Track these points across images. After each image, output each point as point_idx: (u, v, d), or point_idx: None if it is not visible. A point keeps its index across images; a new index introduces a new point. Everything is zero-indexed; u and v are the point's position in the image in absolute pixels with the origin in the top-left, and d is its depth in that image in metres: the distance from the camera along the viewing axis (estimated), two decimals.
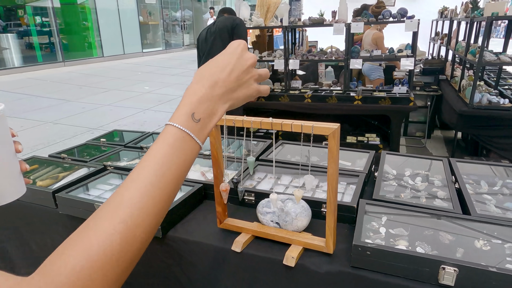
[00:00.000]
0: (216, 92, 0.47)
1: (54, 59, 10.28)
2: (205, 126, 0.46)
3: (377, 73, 4.41)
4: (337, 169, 0.74)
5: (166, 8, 14.95)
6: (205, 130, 0.46)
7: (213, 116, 0.47)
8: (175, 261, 1.01)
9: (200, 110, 0.45)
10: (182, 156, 0.43)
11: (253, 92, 0.51)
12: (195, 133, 0.44)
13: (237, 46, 0.50)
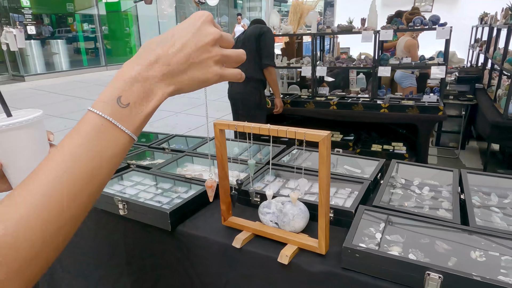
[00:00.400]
0: (155, 72, 0.39)
1: (98, 63, 10.94)
2: (137, 113, 0.39)
3: (409, 81, 4.31)
4: (328, 173, 0.79)
5: None
6: (137, 117, 0.39)
7: (148, 100, 0.39)
8: (184, 254, 1.09)
9: (129, 93, 0.38)
10: (100, 147, 0.37)
11: (211, 76, 0.42)
12: (121, 120, 0.38)
13: (198, 18, 0.41)
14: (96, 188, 0.39)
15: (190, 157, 1.53)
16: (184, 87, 0.42)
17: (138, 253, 1.22)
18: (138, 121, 0.39)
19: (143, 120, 0.40)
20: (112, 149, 0.38)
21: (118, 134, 0.38)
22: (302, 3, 6.23)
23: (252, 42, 3.01)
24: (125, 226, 1.20)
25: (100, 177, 0.38)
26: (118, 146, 0.39)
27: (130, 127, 0.39)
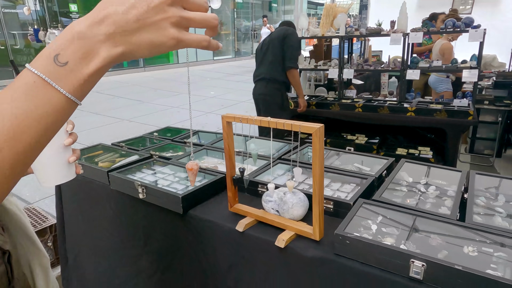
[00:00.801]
0: (100, 31, 0.36)
1: (137, 65, 11.49)
2: (75, 71, 0.36)
3: (444, 86, 4.18)
4: (320, 164, 0.85)
5: (238, 18, 15.71)
6: (75, 77, 0.36)
7: (89, 60, 0.36)
8: (194, 238, 1.18)
9: (68, 51, 0.36)
10: (29, 105, 0.35)
11: (166, 39, 0.38)
12: (56, 79, 0.36)
13: None
14: (24, 147, 0.36)
15: (208, 151, 1.63)
16: (134, 50, 0.38)
17: (155, 236, 1.33)
18: (76, 82, 0.36)
19: (83, 81, 0.37)
20: (43, 108, 0.36)
21: (52, 93, 0.36)
22: (335, 6, 6.22)
23: (276, 44, 3.06)
24: (144, 210, 1.31)
25: (28, 135, 0.36)
26: (52, 106, 0.36)
27: (66, 87, 0.36)
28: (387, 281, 0.81)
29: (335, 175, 1.30)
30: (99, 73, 0.38)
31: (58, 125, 0.39)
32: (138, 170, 1.44)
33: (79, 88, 0.37)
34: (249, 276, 1.08)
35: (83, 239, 1.65)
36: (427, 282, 0.77)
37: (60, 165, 0.59)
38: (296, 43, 3.09)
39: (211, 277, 1.20)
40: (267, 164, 1.38)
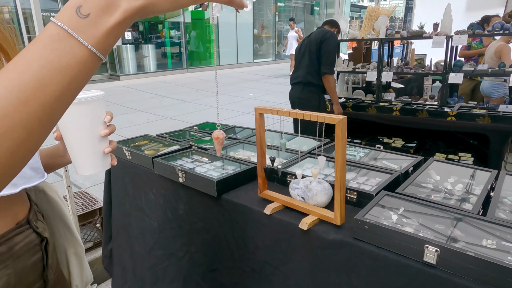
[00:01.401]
0: None
1: (180, 66, 12.00)
2: (97, 24, 0.36)
3: (501, 91, 3.98)
4: (343, 153, 0.92)
5: (280, 21, 15.84)
6: (97, 29, 0.37)
7: (110, 12, 0.37)
8: (225, 220, 1.29)
9: (90, 3, 0.36)
10: (52, 56, 0.36)
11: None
12: (79, 31, 0.36)
13: None
14: (50, 99, 0.36)
15: (243, 144, 1.74)
16: (157, 2, 0.38)
17: (189, 218, 1.46)
18: (99, 34, 0.37)
19: (105, 34, 0.37)
20: (66, 60, 0.36)
21: (74, 44, 0.36)
22: (378, 9, 6.13)
23: (313, 47, 3.06)
24: (182, 193, 1.45)
25: (52, 87, 0.36)
26: (74, 58, 0.36)
27: (89, 40, 0.36)
28: (402, 265, 0.86)
29: (361, 169, 1.35)
30: (121, 27, 0.38)
31: (82, 80, 0.39)
32: (179, 158, 1.58)
33: (101, 41, 0.37)
34: (272, 257, 1.17)
35: (124, 221, 1.82)
36: (440, 267, 0.82)
37: (96, 155, 0.60)
38: (333, 48, 3.08)
39: (237, 259, 1.30)
40: (297, 157, 1.46)
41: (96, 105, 0.59)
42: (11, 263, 0.63)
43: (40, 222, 0.74)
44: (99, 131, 0.60)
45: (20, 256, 0.65)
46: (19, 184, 0.64)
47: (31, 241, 0.68)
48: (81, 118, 0.58)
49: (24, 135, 0.36)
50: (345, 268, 0.98)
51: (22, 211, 0.69)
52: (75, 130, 0.59)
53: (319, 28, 3.34)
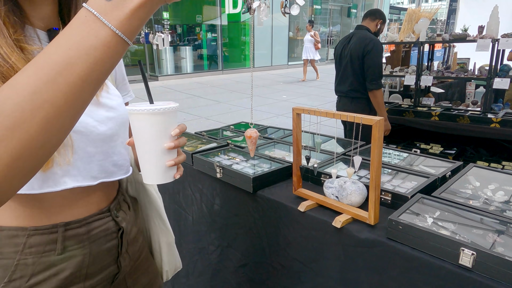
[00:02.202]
0: None
1: (216, 68, 12.27)
2: (121, 6, 0.38)
3: None
4: (379, 153, 0.93)
5: (316, 23, 15.73)
6: (121, 11, 0.38)
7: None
8: (259, 216, 1.34)
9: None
10: (79, 38, 0.38)
11: None
12: (104, 13, 0.38)
13: None
14: (76, 79, 0.38)
15: (278, 144, 1.79)
16: None
17: (224, 213, 1.52)
18: (122, 16, 0.39)
19: (129, 15, 0.39)
20: (91, 41, 0.38)
21: (99, 26, 0.38)
22: (418, 11, 5.96)
23: (356, 60, 2.85)
24: (218, 188, 1.52)
25: (78, 67, 0.38)
26: (98, 39, 0.38)
27: (112, 21, 0.38)
28: (436, 267, 0.87)
29: (397, 173, 1.35)
30: (143, 9, 0.39)
31: (107, 62, 0.40)
32: (216, 155, 1.65)
33: (124, 22, 0.39)
34: (303, 254, 1.20)
35: None
36: (476, 270, 0.81)
37: (158, 166, 0.60)
38: (378, 60, 2.84)
39: (268, 255, 1.34)
40: (331, 158, 1.48)
41: (165, 118, 0.58)
42: (88, 245, 0.70)
43: (122, 212, 0.79)
44: (164, 143, 0.59)
45: (96, 240, 0.72)
46: (98, 178, 0.71)
47: (108, 228, 0.74)
48: (147, 129, 0.58)
49: (52, 112, 0.38)
50: (377, 268, 0.99)
51: (106, 200, 0.76)
52: (141, 140, 0.59)
53: (358, 28, 3.04)
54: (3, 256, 0.63)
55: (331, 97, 7.63)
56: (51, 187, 0.63)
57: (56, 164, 0.62)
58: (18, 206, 0.63)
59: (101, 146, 0.70)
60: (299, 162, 1.21)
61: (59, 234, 0.66)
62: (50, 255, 0.65)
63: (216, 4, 11.92)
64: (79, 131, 0.65)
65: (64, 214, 0.67)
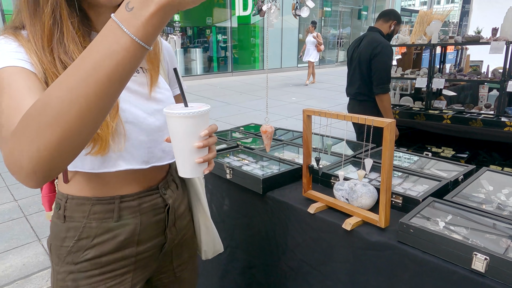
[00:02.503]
0: None
1: (225, 70, 12.31)
2: (137, 15, 0.44)
3: None
4: (390, 155, 0.93)
5: (326, 26, 15.69)
6: (138, 19, 0.44)
7: (147, 5, 0.44)
8: (269, 217, 1.34)
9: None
10: (105, 43, 0.44)
11: None
12: (124, 21, 0.44)
13: None
14: (103, 78, 0.45)
15: (287, 146, 1.79)
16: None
17: (233, 214, 1.53)
18: (138, 23, 0.44)
19: (144, 23, 0.44)
20: (114, 46, 0.44)
21: (120, 33, 0.44)
22: (430, 13, 5.89)
23: (364, 64, 2.79)
24: (228, 189, 1.52)
25: (104, 69, 0.44)
26: (119, 44, 0.44)
27: (130, 29, 0.44)
28: (448, 271, 0.86)
29: (408, 176, 1.33)
30: (156, 17, 0.44)
31: (127, 64, 0.46)
32: (226, 156, 1.66)
33: (141, 29, 0.44)
34: (312, 256, 1.20)
35: None
36: (489, 275, 0.80)
37: (188, 162, 0.66)
38: (386, 64, 2.73)
39: (277, 257, 1.34)
40: (341, 160, 1.47)
41: (196, 120, 0.64)
42: (139, 216, 0.82)
43: (170, 191, 0.90)
44: (193, 142, 0.64)
45: (146, 212, 0.83)
46: (150, 162, 0.81)
47: (157, 204, 0.85)
48: (180, 129, 0.64)
49: (85, 105, 0.45)
50: (387, 271, 0.98)
51: (156, 179, 0.86)
52: (175, 138, 0.66)
53: (370, 30, 2.98)
54: (74, 219, 0.77)
55: (341, 100, 7.60)
56: (107, 168, 0.75)
57: (111, 151, 0.73)
58: (84, 181, 0.77)
59: (151, 135, 0.79)
60: (309, 164, 1.21)
61: (116, 205, 0.78)
62: (108, 221, 0.78)
63: (226, 7, 11.98)
64: (132, 122, 0.76)
65: (120, 189, 0.80)
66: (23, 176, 0.49)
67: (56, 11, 0.64)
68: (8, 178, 3.54)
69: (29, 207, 2.97)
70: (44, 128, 0.46)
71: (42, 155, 0.47)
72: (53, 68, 0.64)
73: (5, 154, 0.50)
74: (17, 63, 0.61)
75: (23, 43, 0.64)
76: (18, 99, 0.56)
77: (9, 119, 0.54)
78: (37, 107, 0.47)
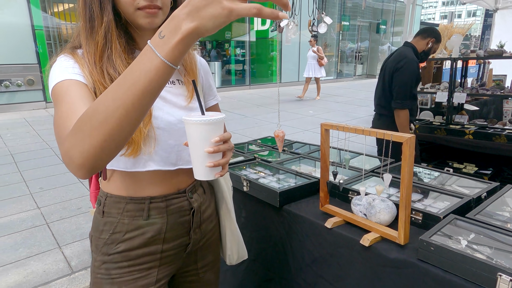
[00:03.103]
0: (183, 11, 0.51)
1: (243, 83, 12.45)
2: (167, 41, 0.51)
3: None
4: (410, 171, 0.92)
5: (343, 40, 15.71)
6: (167, 45, 0.51)
7: (176, 32, 0.51)
8: (285, 231, 1.34)
9: (166, 28, 0.52)
10: (140, 64, 0.53)
11: (220, 10, 0.49)
12: (157, 46, 0.52)
13: None
14: (138, 92, 0.53)
15: (304, 159, 1.78)
16: (203, 23, 0.50)
17: (250, 226, 1.53)
18: (168, 48, 0.52)
19: (172, 48, 0.52)
20: (148, 66, 0.53)
21: (153, 55, 0.52)
22: (451, 27, 5.82)
23: (387, 75, 2.74)
24: (244, 202, 1.53)
25: (139, 84, 0.53)
26: (152, 65, 0.53)
27: (161, 52, 0.52)
28: None
29: (429, 192, 1.31)
30: (183, 43, 0.52)
31: (158, 82, 0.54)
32: (243, 168, 1.67)
33: (169, 53, 0.52)
34: (329, 271, 1.18)
35: None
36: None
37: (201, 166, 0.72)
38: (408, 79, 2.64)
39: (293, 271, 1.33)
40: (360, 174, 1.46)
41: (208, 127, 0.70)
42: (166, 216, 0.89)
43: (196, 195, 0.96)
44: (205, 147, 0.71)
45: (173, 213, 0.90)
46: (177, 164, 0.88)
47: (183, 206, 0.92)
48: (194, 135, 0.71)
49: (124, 113, 0.55)
50: None
51: (185, 182, 0.93)
52: (190, 143, 0.73)
53: (405, 45, 2.85)
54: (111, 215, 0.87)
55: (359, 113, 7.53)
56: (139, 168, 0.84)
57: (142, 153, 0.82)
58: (120, 180, 0.87)
59: (179, 139, 0.87)
60: (327, 178, 1.21)
61: (146, 205, 0.87)
62: (138, 219, 0.87)
63: (245, 21, 12.20)
64: (162, 128, 0.84)
65: (150, 190, 0.87)
66: (74, 167, 0.59)
67: (107, 33, 0.77)
68: (32, 186, 3.66)
69: (51, 214, 3.05)
70: (93, 130, 0.55)
71: (90, 151, 0.56)
72: (102, 80, 0.76)
73: (62, 151, 0.61)
74: (73, 76, 0.74)
75: (78, 60, 0.78)
76: (73, 105, 0.68)
77: (66, 122, 0.65)
78: (88, 113, 0.57)
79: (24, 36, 7.39)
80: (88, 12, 0.77)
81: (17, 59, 7.29)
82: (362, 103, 9.10)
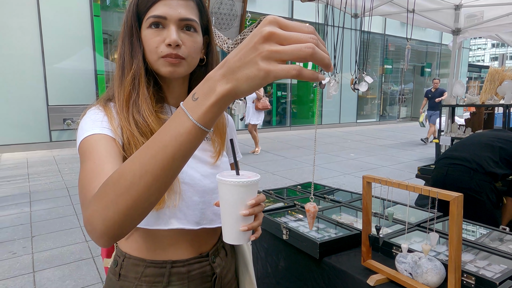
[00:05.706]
0: (219, 72, 0.48)
1: (284, 124, 12.64)
2: (201, 103, 0.49)
3: None
4: (459, 232, 0.88)
5: (386, 82, 15.61)
6: (200, 107, 0.49)
7: (210, 95, 0.48)
8: (325, 283, 1.30)
9: (199, 90, 0.49)
10: (172, 126, 0.50)
11: (257, 72, 0.45)
12: (189, 109, 0.49)
13: (263, 21, 0.46)
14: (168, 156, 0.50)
15: (345, 208, 1.75)
16: (238, 85, 0.47)
17: (288, 276, 1.50)
18: (201, 111, 0.49)
19: (205, 111, 0.49)
20: (179, 129, 0.50)
21: (186, 119, 0.49)
22: (502, 71, 5.62)
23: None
24: (284, 250, 1.51)
25: (169, 149, 0.50)
26: (183, 128, 0.50)
27: (194, 115, 0.49)
28: None
29: (481, 252, 1.22)
30: (217, 105, 0.49)
31: (189, 146, 0.51)
32: (283, 215, 1.68)
33: (202, 116, 0.49)
34: None
35: None
36: None
37: (233, 229, 0.68)
38: None
39: None
40: (404, 228, 1.40)
41: (245, 189, 0.67)
42: (187, 283, 0.83)
43: (219, 259, 0.91)
44: (241, 210, 0.67)
45: (194, 280, 0.84)
46: (200, 223, 0.83)
47: (205, 272, 0.87)
48: (229, 196, 0.67)
49: (152, 179, 0.52)
50: None
51: (207, 245, 0.88)
52: (223, 204, 0.69)
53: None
54: (127, 279, 0.81)
55: (403, 158, 7.27)
56: (161, 225, 0.79)
57: (166, 206, 0.78)
58: (141, 239, 0.82)
59: (204, 196, 0.83)
60: (369, 231, 1.18)
61: (167, 270, 0.81)
62: (157, 285, 0.81)
63: None
64: (187, 183, 0.81)
65: (171, 252, 0.82)
66: (96, 236, 0.56)
67: (135, 79, 0.78)
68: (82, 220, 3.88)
69: (97, 248, 3.19)
70: (118, 196, 0.53)
71: (114, 219, 0.53)
72: (127, 124, 0.75)
73: (84, 217, 0.58)
74: (101, 130, 0.73)
75: (108, 113, 0.77)
76: (100, 165, 0.66)
77: (91, 183, 0.63)
78: (114, 178, 0.54)
79: (87, 80, 8.24)
80: (121, 60, 0.79)
81: (79, 101, 8.06)
82: (407, 147, 8.79)
